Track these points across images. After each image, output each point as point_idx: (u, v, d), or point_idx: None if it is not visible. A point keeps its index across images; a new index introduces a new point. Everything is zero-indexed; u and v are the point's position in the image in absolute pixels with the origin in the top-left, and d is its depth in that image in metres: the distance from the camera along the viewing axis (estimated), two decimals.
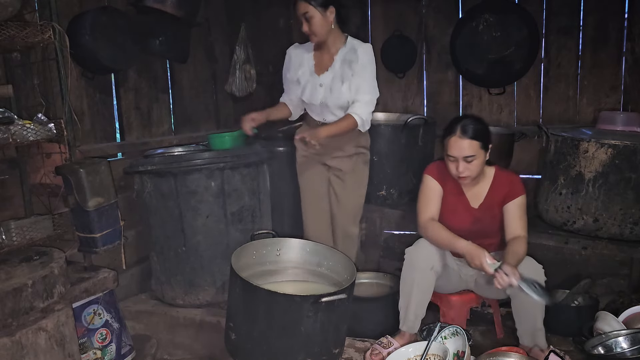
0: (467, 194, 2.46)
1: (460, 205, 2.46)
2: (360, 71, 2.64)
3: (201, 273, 2.80)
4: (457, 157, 2.30)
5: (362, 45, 2.69)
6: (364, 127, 2.70)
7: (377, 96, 2.73)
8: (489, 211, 2.43)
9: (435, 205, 2.45)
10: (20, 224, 2.21)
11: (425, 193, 2.48)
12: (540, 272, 2.31)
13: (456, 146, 2.29)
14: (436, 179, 2.46)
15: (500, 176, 2.45)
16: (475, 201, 2.46)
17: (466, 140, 2.28)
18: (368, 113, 2.68)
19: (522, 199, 2.40)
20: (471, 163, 2.30)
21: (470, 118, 2.37)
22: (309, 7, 2.56)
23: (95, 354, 2.39)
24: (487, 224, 2.44)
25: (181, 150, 3.14)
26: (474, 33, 3.64)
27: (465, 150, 2.28)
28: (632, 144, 2.63)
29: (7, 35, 2.02)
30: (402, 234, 3.73)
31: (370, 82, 2.68)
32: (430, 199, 2.46)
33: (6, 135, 2.05)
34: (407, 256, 2.42)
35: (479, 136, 2.30)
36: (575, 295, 2.83)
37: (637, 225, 2.69)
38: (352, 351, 2.52)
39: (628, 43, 3.45)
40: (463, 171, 2.31)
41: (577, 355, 2.42)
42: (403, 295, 2.44)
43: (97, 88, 2.96)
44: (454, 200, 2.46)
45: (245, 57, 3.87)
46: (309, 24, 2.60)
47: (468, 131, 2.28)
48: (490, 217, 2.43)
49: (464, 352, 2.11)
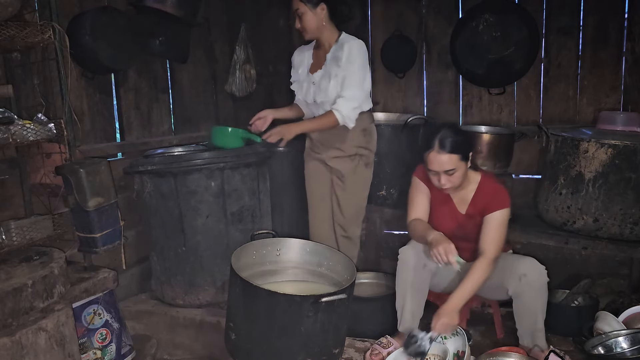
0: (454, 198, 2.47)
1: (447, 209, 2.47)
2: (346, 67, 2.62)
3: (201, 273, 2.80)
4: (437, 171, 2.30)
5: (351, 40, 2.67)
6: (347, 123, 2.65)
7: (364, 92, 2.68)
8: (473, 218, 2.43)
9: (422, 207, 2.48)
10: (20, 224, 2.21)
11: (413, 195, 2.52)
12: (543, 273, 2.32)
13: (435, 161, 2.28)
14: (424, 180, 2.48)
15: (485, 184, 2.42)
16: (462, 206, 2.46)
17: (445, 155, 2.26)
18: (350, 109, 2.63)
19: (501, 213, 2.33)
20: (452, 175, 2.30)
21: (448, 129, 2.30)
22: (300, 3, 2.60)
23: (95, 354, 2.39)
24: (470, 230, 2.43)
25: (181, 150, 3.14)
26: (474, 33, 3.64)
27: (444, 164, 2.27)
28: (632, 144, 2.63)
29: (7, 35, 2.02)
30: (402, 234, 3.73)
31: (356, 77, 2.63)
32: (417, 201, 2.50)
33: (6, 135, 2.05)
34: (401, 256, 2.42)
35: (457, 149, 2.26)
36: (575, 295, 2.83)
37: (637, 225, 2.69)
38: (352, 351, 2.52)
39: (628, 43, 3.45)
40: (445, 184, 2.32)
41: (577, 355, 2.42)
42: (399, 296, 2.45)
43: (97, 88, 2.96)
44: (441, 203, 2.47)
45: (245, 57, 3.87)
46: (300, 21, 2.64)
47: (446, 145, 2.25)
48: (474, 224, 2.42)
49: (464, 352, 2.12)
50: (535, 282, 2.30)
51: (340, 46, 2.66)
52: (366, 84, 2.70)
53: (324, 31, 2.68)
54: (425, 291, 2.42)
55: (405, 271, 2.39)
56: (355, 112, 2.66)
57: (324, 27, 2.67)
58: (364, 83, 2.67)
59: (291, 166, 3.33)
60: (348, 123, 2.66)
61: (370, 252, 3.69)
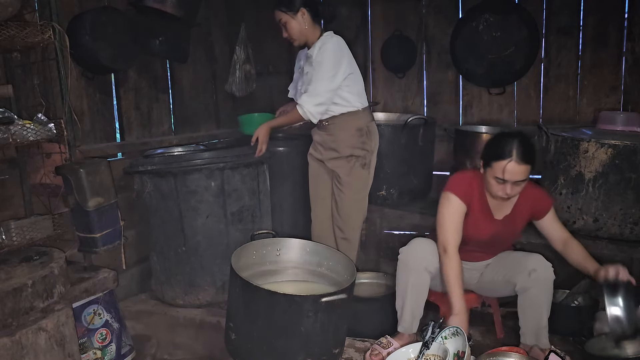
0: (492, 207, 2.40)
1: (484, 220, 2.39)
2: (315, 63, 2.66)
3: (201, 273, 2.80)
4: (508, 180, 2.20)
5: (325, 38, 2.70)
6: (310, 118, 2.69)
7: (332, 88, 2.65)
8: (511, 224, 2.42)
9: (459, 230, 2.33)
10: (20, 224, 2.21)
11: (449, 215, 2.33)
12: (550, 270, 2.32)
13: (512, 171, 2.17)
14: (461, 197, 2.32)
15: (527, 190, 2.35)
16: (500, 213, 2.41)
17: (524, 166, 2.18)
18: (312, 104, 2.65)
19: (553, 209, 2.42)
20: (518, 187, 2.24)
21: (523, 139, 2.22)
22: (281, 14, 2.68)
23: (95, 354, 2.39)
24: (507, 235, 2.45)
25: (180, 151, 3.14)
26: (474, 33, 3.64)
27: (520, 175, 2.19)
28: (632, 144, 2.63)
29: (7, 35, 2.02)
30: (402, 234, 3.73)
31: (322, 73, 2.63)
32: (454, 222, 2.32)
33: (6, 135, 2.05)
34: (401, 256, 2.41)
35: (533, 160, 2.21)
36: (575, 295, 2.83)
37: (637, 225, 2.69)
38: (352, 351, 2.52)
39: (628, 43, 3.45)
40: (510, 193, 2.23)
41: (577, 355, 2.42)
42: (398, 296, 2.44)
43: (97, 88, 2.96)
44: (478, 215, 2.38)
45: (245, 57, 3.87)
46: (285, 30, 2.71)
47: (526, 157, 2.18)
48: (511, 229, 2.43)
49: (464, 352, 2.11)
50: (544, 278, 2.31)
51: (315, 45, 2.70)
52: (336, 80, 2.65)
53: (309, 34, 2.72)
54: (425, 292, 2.42)
55: (406, 272, 2.39)
56: (320, 107, 2.68)
57: (307, 31, 2.71)
58: (333, 79, 2.65)
59: (291, 166, 3.33)
60: (311, 118, 2.70)
61: (370, 252, 3.68)
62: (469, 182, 2.36)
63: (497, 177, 2.21)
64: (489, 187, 2.30)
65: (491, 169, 2.23)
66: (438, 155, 3.73)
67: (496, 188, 2.25)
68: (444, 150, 3.81)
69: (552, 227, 2.42)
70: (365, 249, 3.64)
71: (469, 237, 2.37)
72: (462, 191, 2.34)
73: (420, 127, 3.37)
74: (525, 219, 2.42)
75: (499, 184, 2.23)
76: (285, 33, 2.73)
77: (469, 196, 2.34)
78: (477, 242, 2.41)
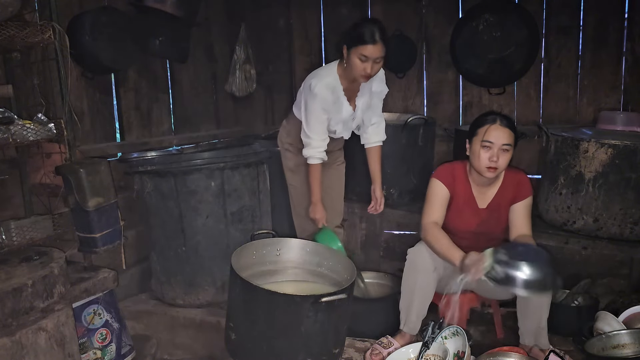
0: (476, 195, 2.45)
1: (468, 208, 2.44)
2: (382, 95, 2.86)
3: (201, 273, 2.80)
4: (494, 143, 2.27)
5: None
6: None
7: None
8: (495, 212, 2.43)
9: (439, 210, 2.43)
10: (20, 224, 2.21)
11: (431, 197, 2.44)
12: None
13: (496, 133, 2.28)
14: (445, 183, 2.42)
15: (509, 176, 2.44)
16: (483, 201, 2.45)
17: (507, 129, 2.29)
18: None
19: (529, 199, 2.42)
20: (504, 155, 2.29)
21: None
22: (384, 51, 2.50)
23: (95, 354, 2.39)
24: (493, 225, 2.44)
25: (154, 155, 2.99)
26: (474, 33, 3.64)
27: (505, 138, 2.28)
28: (632, 144, 2.63)
29: (7, 35, 2.02)
30: (403, 234, 3.73)
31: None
32: (435, 203, 2.43)
33: (6, 135, 2.05)
34: (410, 257, 2.41)
35: (514, 129, 2.32)
36: (575, 295, 2.83)
37: (637, 225, 2.69)
38: (352, 351, 2.52)
39: (628, 43, 3.45)
40: (497, 160, 2.28)
41: (577, 355, 2.41)
42: (405, 296, 2.44)
43: (97, 88, 2.96)
44: (462, 203, 2.44)
45: (245, 57, 3.87)
46: (377, 66, 2.55)
47: (507, 121, 2.31)
48: (497, 218, 2.43)
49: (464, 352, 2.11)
50: None
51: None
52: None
53: None
54: (431, 293, 2.41)
55: (414, 273, 2.38)
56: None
57: None
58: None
59: None
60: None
61: (370, 252, 3.68)
62: (452, 171, 2.45)
63: (484, 141, 2.30)
64: (476, 158, 2.33)
65: (478, 136, 2.32)
66: (438, 155, 3.72)
67: (483, 155, 2.31)
68: (444, 150, 3.81)
69: (519, 217, 2.41)
70: (365, 249, 3.64)
71: (456, 228, 2.41)
72: (444, 176, 2.44)
73: (420, 127, 3.37)
74: (509, 205, 2.42)
75: (486, 150, 2.30)
76: (376, 70, 2.55)
77: (451, 181, 2.43)
78: (464, 233, 2.41)
